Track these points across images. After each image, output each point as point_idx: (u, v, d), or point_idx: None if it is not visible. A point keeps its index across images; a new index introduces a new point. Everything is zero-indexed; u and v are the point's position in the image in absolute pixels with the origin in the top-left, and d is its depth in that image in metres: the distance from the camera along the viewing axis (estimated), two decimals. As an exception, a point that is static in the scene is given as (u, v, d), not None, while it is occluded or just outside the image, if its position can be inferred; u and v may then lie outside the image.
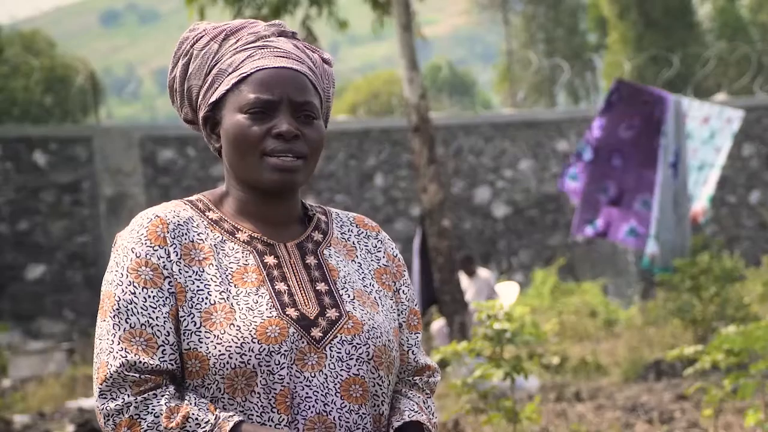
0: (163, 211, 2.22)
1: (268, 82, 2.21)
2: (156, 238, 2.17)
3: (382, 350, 2.21)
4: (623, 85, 12.43)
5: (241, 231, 2.23)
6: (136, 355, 2.10)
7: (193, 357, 2.13)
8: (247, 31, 2.28)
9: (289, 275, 2.21)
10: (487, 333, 6.27)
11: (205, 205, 2.27)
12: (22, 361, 14.23)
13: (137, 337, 2.12)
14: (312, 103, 2.23)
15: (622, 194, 12.18)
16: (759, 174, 22.04)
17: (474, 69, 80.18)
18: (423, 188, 12.32)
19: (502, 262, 20.82)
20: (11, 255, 18.20)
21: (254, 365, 2.11)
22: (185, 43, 2.30)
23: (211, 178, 19.07)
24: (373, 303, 2.26)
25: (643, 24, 34.19)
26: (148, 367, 2.10)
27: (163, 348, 2.13)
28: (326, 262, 2.26)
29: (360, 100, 47.19)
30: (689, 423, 8.21)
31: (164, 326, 2.13)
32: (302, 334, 2.15)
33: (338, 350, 2.17)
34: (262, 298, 2.16)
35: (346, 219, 2.36)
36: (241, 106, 2.21)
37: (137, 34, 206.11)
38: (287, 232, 2.27)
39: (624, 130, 12.07)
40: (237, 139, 2.21)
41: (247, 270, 2.19)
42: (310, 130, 2.23)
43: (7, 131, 20.47)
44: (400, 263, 2.38)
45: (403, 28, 12.37)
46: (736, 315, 11.25)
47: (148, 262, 2.15)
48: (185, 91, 2.30)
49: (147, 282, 2.14)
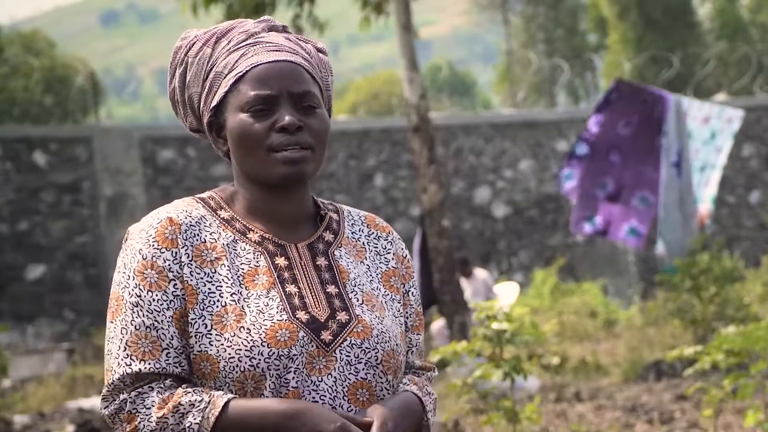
0: (175, 212, 2.21)
1: (265, 77, 2.20)
2: (164, 240, 2.17)
3: (390, 354, 2.21)
4: (623, 84, 12.45)
5: (253, 231, 2.23)
6: (141, 361, 2.12)
7: (204, 359, 2.14)
8: (237, 31, 2.27)
9: (300, 277, 2.21)
10: (487, 333, 6.28)
11: (217, 204, 2.26)
12: (22, 361, 14.23)
13: (142, 339, 2.13)
14: (312, 93, 2.22)
15: (620, 190, 12.18)
16: (759, 174, 22.04)
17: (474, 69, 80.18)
18: (423, 188, 12.33)
19: (502, 263, 20.82)
20: (11, 255, 18.20)
21: (263, 369, 2.11)
22: (179, 53, 2.29)
23: (211, 178, 19.06)
24: (381, 306, 2.26)
25: (643, 24, 34.19)
26: (151, 371, 2.12)
27: (167, 351, 2.14)
28: (337, 264, 2.25)
29: (360, 100, 47.20)
30: (689, 423, 8.21)
31: (168, 330, 2.14)
32: (312, 337, 2.15)
33: (347, 354, 2.17)
34: (272, 300, 2.16)
35: (357, 218, 2.36)
36: (242, 105, 2.20)
37: (137, 34, 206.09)
38: (298, 231, 2.26)
39: (622, 127, 12.07)
40: (242, 138, 2.20)
41: (258, 272, 2.19)
42: (313, 120, 2.22)
43: (7, 131, 20.47)
44: (410, 264, 2.38)
45: (403, 28, 12.37)
46: (736, 315, 11.24)
47: (154, 265, 2.16)
48: (186, 100, 2.30)
49: (152, 285, 2.15)
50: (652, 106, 11.99)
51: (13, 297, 18.07)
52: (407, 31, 12.37)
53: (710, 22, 37.24)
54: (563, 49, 42.96)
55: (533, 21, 45.04)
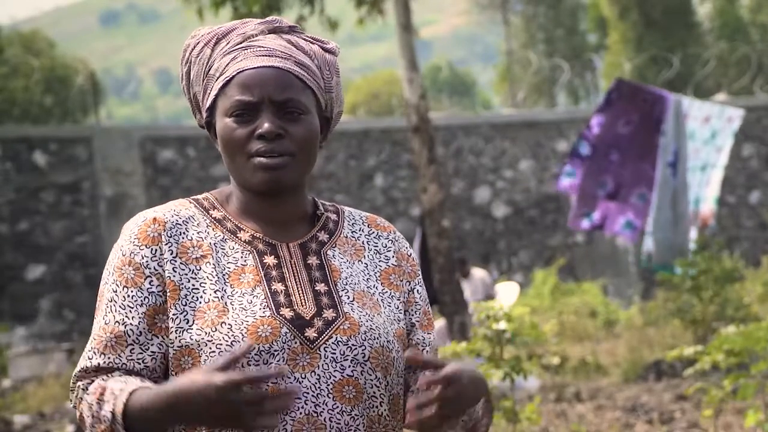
0: (162, 211, 2.24)
1: (248, 83, 2.21)
2: (145, 237, 2.19)
3: (380, 351, 2.20)
4: (623, 84, 12.44)
5: (244, 230, 2.24)
6: (101, 355, 2.14)
7: (186, 354, 2.15)
8: (236, 33, 2.28)
9: (288, 275, 2.21)
10: (487, 333, 6.28)
11: (210, 204, 2.29)
12: (22, 361, 14.24)
13: (108, 334, 2.15)
14: (295, 100, 2.22)
15: (619, 189, 12.18)
16: (759, 174, 22.04)
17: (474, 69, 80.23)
18: (423, 188, 12.33)
19: (502, 263, 20.82)
20: (11, 255, 18.20)
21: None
22: (187, 51, 2.32)
23: (211, 178, 19.06)
24: (375, 304, 2.25)
25: (643, 24, 34.20)
26: (109, 366, 2.14)
27: (131, 347, 2.15)
28: (329, 263, 2.25)
29: (360, 100, 47.24)
30: (689, 423, 8.21)
31: (138, 326, 2.15)
32: (295, 334, 2.15)
33: (332, 351, 2.16)
34: (256, 298, 2.16)
35: (358, 218, 2.36)
36: (227, 110, 2.22)
37: (137, 34, 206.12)
38: (291, 232, 2.27)
39: (622, 125, 12.07)
40: (225, 142, 2.22)
41: (244, 270, 2.20)
42: (296, 127, 2.21)
43: (7, 131, 20.48)
44: (415, 263, 2.37)
45: (403, 28, 12.37)
46: (736, 315, 11.24)
47: (132, 261, 2.18)
48: (192, 98, 2.33)
49: (128, 281, 2.17)
50: (652, 105, 11.99)
51: (13, 297, 18.07)
52: (407, 31, 12.37)
53: (710, 22, 37.26)
54: (563, 49, 42.99)
55: (533, 21, 45.08)
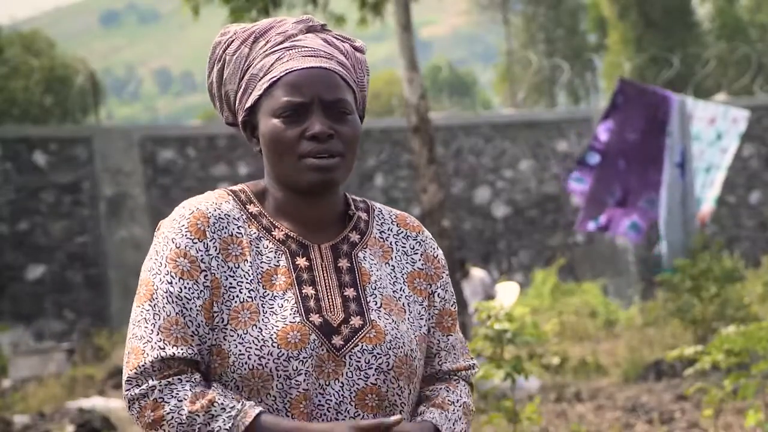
0: (205, 204, 2.23)
1: (298, 84, 2.21)
2: (196, 231, 2.19)
3: (403, 360, 2.21)
4: (627, 85, 12.45)
5: (278, 229, 2.24)
6: (174, 347, 2.12)
7: (216, 354, 2.15)
8: (275, 32, 2.28)
9: (319, 278, 2.22)
10: (488, 333, 6.28)
11: (246, 197, 2.28)
12: (22, 361, 14.23)
13: (174, 325, 2.14)
14: (344, 100, 2.23)
15: (627, 195, 12.20)
16: (759, 174, 22.04)
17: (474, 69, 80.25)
18: (423, 188, 12.33)
19: (502, 263, 20.82)
20: (11, 255, 18.20)
21: (271, 369, 2.13)
22: (218, 48, 2.31)
23: (212, 178, 19.06)
24: (401, 310, 2.26)
25: (643, 24, 34.21)
26: (184, 357, 2.13)
27: (193, 338, 2.15)
28: (359, 266, 2.26)
29: (360, 100, 47.07)
30: (689, 423, 8.21)
31: (196, 318, 2.15)
32: (323, 341, 2.16)
33: (357, 359, 2.17)
34: (287, 302, 2.17)
35: (388, 217, 2.35)
36: (274, 110, 2.21)
37: (137, 34, 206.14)
38: (324, 232, 2.27)
39: (629, 132, 12.09)
40: (273, 143, 2.22)
41: (277, 272, 2.20)
42: (345, 127, 2.23)
43: (7, 131, 20.48)
44: (440, 264, 2.36)
45: (403, 29, 12.37)
46: (736, 315, 11.24)
47: (187, 254, 2.18)
48: (223, 95, 2.31)
49: (184, 273, 2.16)
50: (657, 106, 12.00)
51: (13, 297, 18.07)
52: (407, 31, 12.37)
53: (710, 22, 37.28)
54: (563, 49, 43.01)
55: (533, 21, 45.09)
